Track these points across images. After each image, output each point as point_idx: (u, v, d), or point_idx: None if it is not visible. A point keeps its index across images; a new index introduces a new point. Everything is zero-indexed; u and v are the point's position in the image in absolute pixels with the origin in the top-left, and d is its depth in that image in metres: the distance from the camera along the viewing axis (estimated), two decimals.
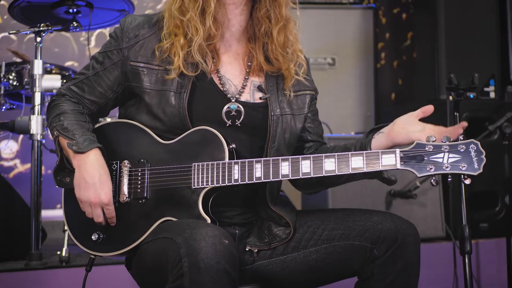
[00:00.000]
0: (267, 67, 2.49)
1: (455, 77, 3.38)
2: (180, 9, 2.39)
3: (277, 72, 2.50)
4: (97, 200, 2.33)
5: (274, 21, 2.45)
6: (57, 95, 2.55)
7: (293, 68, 2.50)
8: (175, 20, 2.39)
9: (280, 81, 2.51)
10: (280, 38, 2.47)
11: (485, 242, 4.49)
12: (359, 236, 2.33)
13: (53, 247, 3.96)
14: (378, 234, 2.30)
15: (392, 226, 2.31)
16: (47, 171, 5.09)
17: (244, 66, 2.52)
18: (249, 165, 2.27)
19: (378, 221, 2.34)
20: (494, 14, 5.00)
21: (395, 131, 2.36)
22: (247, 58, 2.52)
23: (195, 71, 2.39)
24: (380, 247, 2.30)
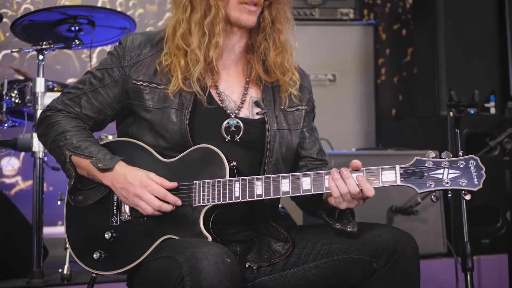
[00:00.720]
0: (265, 77, 2.52)
1: (456, 94, 3.39)
2: (183, 36, 2.41)
3: (274, 83, 2.53)
4: (147, 180, 2.31)
5: (272, 46, 2.50)
6: (50, 110, 2.52)
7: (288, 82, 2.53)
8: (177, 43, 2.41)
9: (276, 94, 2.53)
10: (277, 60, 2.51)
11: (486, 258, 4.49)
12: (358, 249, 2.34)
13: (55, 265, 3.95)
14: (377, 247, 2.31)
15: (390, 239, 2.31)
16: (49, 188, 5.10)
17: (244, 77, 2.54)
18: (250, 183, 2.28)
19: (377, 234, 2.34)
20: (494, 30, 5.02)
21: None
22: (246, 68, 2.55)
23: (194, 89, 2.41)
24: (379, 260, 2.30)
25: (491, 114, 4.91)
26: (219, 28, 2.40)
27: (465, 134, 4.61)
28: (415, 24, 5.69)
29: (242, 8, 2.42)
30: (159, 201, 2.29)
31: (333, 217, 2.36)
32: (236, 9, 2.42)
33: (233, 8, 2.42)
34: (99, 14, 4.05)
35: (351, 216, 2.36)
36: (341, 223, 2.35)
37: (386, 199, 4.28)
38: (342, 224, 2.35)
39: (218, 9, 2.40)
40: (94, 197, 2.43)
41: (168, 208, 2.31)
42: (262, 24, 2.49)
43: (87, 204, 2.44)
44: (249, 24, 2.44)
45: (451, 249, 4.36)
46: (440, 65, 4.95)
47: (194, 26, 2.40)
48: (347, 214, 2.36)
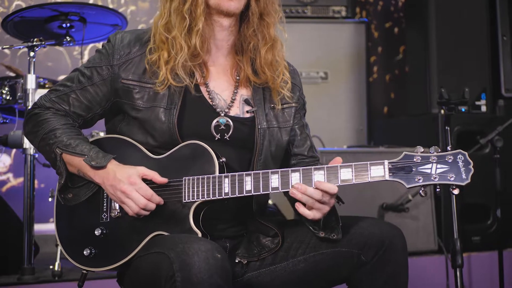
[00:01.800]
0: (254, 78, 2.52)
1: (446, 92, 3.40)
2: (166, 26, 2.41)
3: (263, 85, 2.53)
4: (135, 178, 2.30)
5: (262, 41, 2.49)
6: (39, 107, 2.51)
7: (279, 83, 2.52)
8: (161, 36, 2.41)
9: (266, 94, 2.53)
10: (267, 57, 2.50)
11: (477, 256, 4.51)
12: (346, 242, 2.34)
13: (46, 261, 3.95)
14: (365, 239, 2.31)
15: (378, 231, 2.32)
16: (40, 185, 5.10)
17: (233, 79, 2.54)
18: (239, 179, 2.29)
19: (364, 227, 2.35)
20: (485, 28, 5.03)
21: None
22: (235, 71, 2.54)
23: (183, 83, 2.41)
24: (367, 252, 2.30)
25: (482, 112, 4.92)
26: (199, 11, 2.38)
27: (456, 131, 4.63)
28: (407, 22, 5.70)
29: None
30: (145, 200, 2.29)
31: (318, 225, 2.36)
32: None
33: None
34: (91, 11, 4.04)
35: (336, 223, 2.36)
36: (325, 230, 2.35)
37: (377, 196, 4.30)
38: (326, 232, 2.35)
39: None
40: (84, 195, 2.43)
41: (152, 207, 2.31)
42: (250, 18, 2.48)
43: (77, 202, 2.44)
44: (231, 9, 2.41)
45: (442, 246, 4.37)
46: (431, 63, 4.96)
47: (173, 14, 2.40)
48: (332, 221, 2.36)
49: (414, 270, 2.38)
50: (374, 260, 2.29)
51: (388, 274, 2.29)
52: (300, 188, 2.22)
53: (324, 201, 2.23)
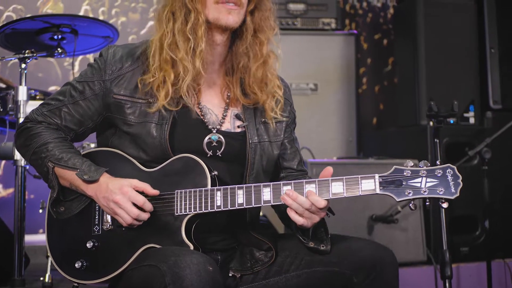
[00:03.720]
0: (243, 100, 2.53)
1: (435, 104, 3.43)
2: (171, 47, 2.42)
3: (253, 105, 2.54)
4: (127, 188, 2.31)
5: (253, 58, 2.50)
6: (30, 121, 2.52)
7: (272, 104, 2.53)
8: (165, 56, 2.41)
9: (258, 110, 2.55)
10: (258, 74, 2.51)
11: (465, 266, 4.52)
12: (339, 263, 2.36)
13: (36, 273, 3.94)
14: (357, 261, 2.33)
15: (371, 254, 2.34)
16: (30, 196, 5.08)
17: (223, 98, 2.55)
18: (231, 192, 2.30)
19: (358, 249, 2.37)
20: (474, 41, 5.07)
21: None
22: (225, 90, 2.56)
23: (176, 106, 2.42)
24: (359, 274, 2.32)
25: (471, 124, 4.95)
26: (201, 32, 2.40)
27: (445, 143, 4.65)
28: (396, 34, 5.73)
29: (220, 8, 2.42)
30: (137, 210, 2.30)
31: (307, 235, 2.38)
32: (215, 9, 2.43)
33: (211, 9, 2.43)
34: (82, 23, 4.04)
35: (325, 234, 2.38)
36: (314, 241, 2.38)
37: (366, 207, 4.31)
38: (315, 242, 2.38)
39: (197, 13, 2.40)
40: (76, 208, 2.44)
41: (145, 217, 2.32)
42: (244, 34, 2.50)
43: (69, 216, 2.44)
44: (230, 23, 2.43)
45: (431, 257, 4.39)
46: (420, 75, 4.99)
47: (178, 35, 2.41)
48: (321, 232, 2.39)
49: (404, 281, 2.40)
50: (365, 283, 2.32)
51: None
52: (291, 195, 2.25)
53: (313, 211, 2.26)
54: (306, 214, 2.26)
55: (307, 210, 2.25)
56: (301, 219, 2.27)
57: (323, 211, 2.28)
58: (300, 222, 2.27)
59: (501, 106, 5.04)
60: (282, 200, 2.27)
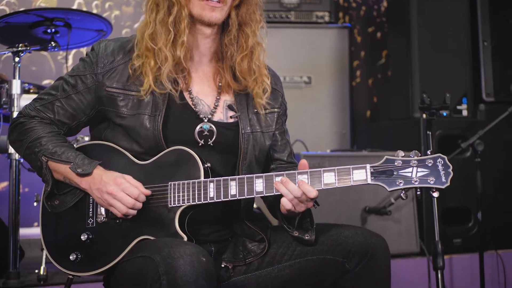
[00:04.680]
0: (234, 85, 2.55)
1: (428, 97, 3.45)
2: (151, 36, 2.44)
3: (244, 91, 2.56)
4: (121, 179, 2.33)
5: (238, 49, 2.54)
6: (24, 116, 2.53)
7: (259, 91, 2.55)
8: (146, 44, 2.44)
9: (249, 98, 2.57)
10: (243, 65, 2.54)
11: (458, 258, 4.55)
12: (331, 250, 2.38)
13: (31, 266, 3.95)
14: (349, 248, 2.35)
15: (362, 240, 2.36)
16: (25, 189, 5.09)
17: (215, 85, 2.57)
18: (224, 183, 2.32)
19: (349, 235, 2.38)
20: (467, 33, 5.08)
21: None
22: (217, 77, 2.58)
23: (165, 90, 2.44)
24: (351, 261, 2.34)
25: (463, 116, 4.97)
26: (183, 25, 2.43)
27: (438, 135, 4.67)
28: (390, 27, 5.74)
29: (204, 5, 2.44)
30: (132, 199, 2.32)
31: (293, 224, 2.40)
32: (198, 6, 2.45)
33: (195, 5, 2.45)
34: (76, 17, 4.04)
35: (310, 225, 2.41)
36: (299, 230, 2.40)
37: (359, 199, 4.33)
38: (300, 232, 2.40)
39: (181, 7, 2.43)
40: (70, 201, 2.45)
41: (140, 206, 2.34)
42: (229, 27, 2.52)
43: (64, 209, 2.46)
44: (213, 20, 2.46)
45: (424, 248, 4.41)
46: (413, 67, 5.01)
47: (159, 25, 2.44)
48: (307, 223, 2.41)
49: (396, 272, 2.42)
50: (357, 269, 2.34)
51: (371, 282, 2.33)
52: (285, 182, 2.27)
53: (302, 200, 2.28)
54: (294, 201, 2.29)
55: (296, 198, 2.27)
56: (289, 205, 2.29)
57: (312, 201, 2.31)
58: (289, 206, 2.29)
59: (493, 98, 5.05)
60: (275, 185, 2.29)
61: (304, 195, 2.27)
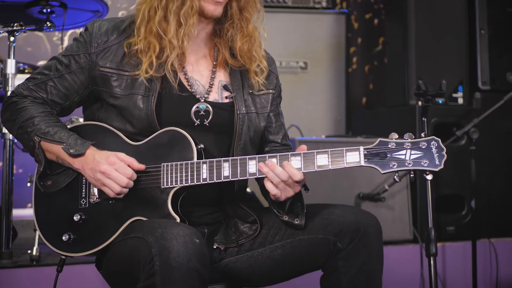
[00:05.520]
0: (231, 61, 2.55)
1: (423, 83, 3.44)
2: (160, 24, 2.42)
3: (241, 67, 2.56)
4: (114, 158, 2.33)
5: (239, 33, 2.53)
6: (16, 95, 2.52)
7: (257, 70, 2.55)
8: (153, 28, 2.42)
9: (244, 79, 2.57)
10: (244, 48, 2.53)
11: (451, 245, 4.56)
12: (323, 229, 2.38)
13: (24, 246, 3.95)
14: (341, 227, 2.35)
15: (353, 218, 2.36)
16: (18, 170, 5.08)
17: (211, 59, 2.57)
18: (217, 165, 2.32)
19: (340, 214, 2.39)
20: (463, 21, 5.07)
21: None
22: (213, 52, 2.58)
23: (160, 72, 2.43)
24: (343, 239, 2.34)
25: (459, 104, 4.97)
26: (193, 20, 2.42)
27: (433, 123, 4.67)
28: (387, 14, 5.73)
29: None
30: (126, 179, 2.31)
31: (283, 208, 2.40)
32: None
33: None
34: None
35: (301, 209, 2.40)
36: (289, 215, 2.40)
37: (353, 186, 4.34)
38: (290, 216, 2.40)
39: (193, 1, 2.41)
40: (63, 181, 2.45)
41: (131, 185, 2.33)
42: (229, 12, 2.51)
43: (57, 189, 2.45)
44: (216, 14, 2.46)
45: (417, 235, 4.42)
46: (410, 55, 5.00)
47: (170, 15, 2.41)
48: (298, 207, 2.40)
49: (389, 259, 2.41)
50: (349, 247, 2.33)
51: (363, 261, 2.33)
52: (270, 165, 2.27)
53: (289, 183, 2.27)
54: (281, 185, 2.28)
55: (282, 181, 2.26)
56: (275, 190, 2.28)
57: (298, 185, 2.30)
58: (273, 192, 2.28)
59: (489, 87, 5.05)
60: (259, 167, 2.28)
61: (290, 179, 2.26)
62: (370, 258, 2.34)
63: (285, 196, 2.31)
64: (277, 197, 2.31)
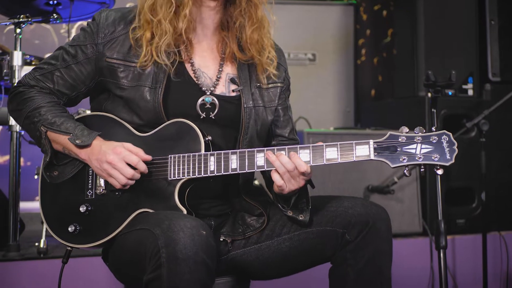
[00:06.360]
0: (239, 55, 2.52)
1: (433, 74, 3.41)
2: (151, 7, 2.40)
3: (249, 61, 2.53)
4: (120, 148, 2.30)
5: (249, 21, 2.49)
6: (23, 85, 2.50)
7: (265, 61, 2.52)
8: (145, 16, 2.40)
9: (252, 72, 2.54)
10: (253, 36, 2.50)
11: (461, 238, 4.53)
12: (331, 221, 2.36)
13: (31, 239, 3.95)
14: (349, 219, 2.33)
15: (362, 211, 2.34)
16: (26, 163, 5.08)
17: (218, 54, 2.54)
18: (225, 157, 2.29)
19: (349, 206, 2.36)
20: (473, 12, 5.03)
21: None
22: (221, 46, 2.54)
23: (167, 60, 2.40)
24: (351, 231, 2.32)
25: (469, 96, 4.93)
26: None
27: (443, 115, 4.64)
28: (396, 5, 5.68)
29: None
30: (131, 170, 2.29)
31: (288, 204, 2.37)
32: None
33: None
34: None
35: (306, 205, 2.38)
36: (294, 211, 2.37)
37: (362, 178, 4.31)
38: (294, 212, 2.37)
39: None
40: (69, 172, 2.43)
41: (138, 176, 2.31)
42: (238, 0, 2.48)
43: (63, 180, 2.43)
44: None
45: (426, 228, 4.40)
46: (419, 46, 4.96)
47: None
48: (303, 203, 2.38)
49: (399, 252, 2.39)
50: (358, 239, 2.31)
51: (372, 253, 2.30)
52: (278, 154, 2.24)
53: (294, 174, 2.24)
54: (286, 176, 2.25)
55: (288, 172, 2.24)
56: (280, 180, 2.26)
57: (303, 178, 2.27)
58: (279, 182, 2.26)
59: (499, 78, 5.01)
60: (266, 156, 2.25)
61: (296, 169, 2.23)
62: (378, 250, 2.32)
63: (289, 189, 2.28)
64: (281, 188, 2.28)
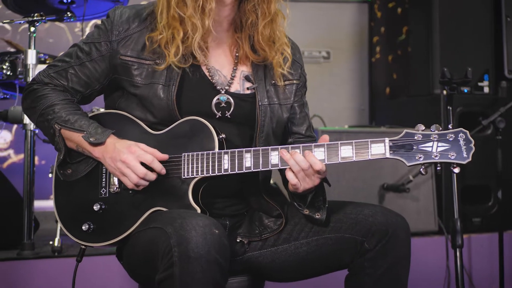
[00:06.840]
0: (253, 56, 2.49)
1: (448, 71, 3.38)
2: (178, 4, 2.36)
3: (263, 62, 2.50)
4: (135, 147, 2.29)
5: (261, 16, 2.45)
6: (37, 83, 2.49)
7: (280, 60, 2.49)
8: (173, 13, 2.36)
9: (267, 70, 2.51)
10: (265, 32, 2.46)
11: (477, 237, 4.51)
12: (350, 229, 2.33)
13: (46, 237, 3.96)
14: (369, 227, 2.30)
15: (383, 220, 2.31)
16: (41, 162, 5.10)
17: (232, 56, 2.52)
18: (239, 155, 2.27)
19: (369, 214, 2.33)
20: (489, 9, 4.99)
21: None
22: (234, 48, 2.52)
23: (185, 63, 2.39)
24: (370, 240, 2.29)
25: (485, 93, 4.90)
26: None
27: (459, 112, 4.62)
28: (410, 2, 5.65)
29: None
30: (144, 169, 2.27)
31: (304, 202, 2.36)
32: None
33: None
34: None
35: (323, 204, 2.36)
36: (310, 209, 2.35)
37: (378, 176, 4.29)
38: (311, 210, 2.35)
39: None
40: (83, 170, 2.43)
41: (152, 177, 2.29)
42: None
43: (76, 178, 2.43)
44: None
45: (442, 226, 4.37)
46: (434, 44, 4.93)
47: None
48: (319, 201, 2.36)
49: (415, 250, 2.36)
50: (377, 248, 2.28)
51: (390, 263, 2.28)
52: (292, 153, 2.22)
53: (308, 173, 2.22)
54: (300, 175, 2.23)
55: (302, 170, 2.22)
56: (295, 179, 2.24)
57: (318, 176, 2.25)
58: (294, 181, 2.24)
59: None
60: (280, 154, 2.24)
61: (311, 168, 2.21)
62: (397, 260, 2.29)
63: (303, 188, 2.26)
64: (296, 187, 2.26)
